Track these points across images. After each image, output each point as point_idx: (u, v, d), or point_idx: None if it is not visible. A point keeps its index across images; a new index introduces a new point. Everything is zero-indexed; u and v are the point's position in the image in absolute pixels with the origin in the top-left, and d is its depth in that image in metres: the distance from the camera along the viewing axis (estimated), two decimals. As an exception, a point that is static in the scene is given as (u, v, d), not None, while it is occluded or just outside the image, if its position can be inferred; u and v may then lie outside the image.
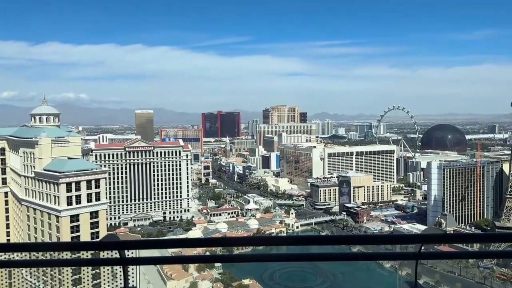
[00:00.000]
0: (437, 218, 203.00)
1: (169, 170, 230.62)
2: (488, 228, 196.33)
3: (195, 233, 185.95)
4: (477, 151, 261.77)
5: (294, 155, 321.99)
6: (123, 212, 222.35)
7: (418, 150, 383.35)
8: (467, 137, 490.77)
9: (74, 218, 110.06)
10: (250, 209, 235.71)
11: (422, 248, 6.06)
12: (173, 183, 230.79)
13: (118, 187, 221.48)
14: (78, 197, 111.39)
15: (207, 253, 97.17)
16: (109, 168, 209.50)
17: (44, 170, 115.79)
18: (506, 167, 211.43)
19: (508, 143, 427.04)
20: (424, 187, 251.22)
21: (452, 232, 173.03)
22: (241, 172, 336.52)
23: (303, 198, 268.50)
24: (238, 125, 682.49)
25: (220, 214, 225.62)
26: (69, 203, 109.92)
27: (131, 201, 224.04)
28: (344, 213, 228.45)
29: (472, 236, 6.90)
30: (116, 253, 4.78)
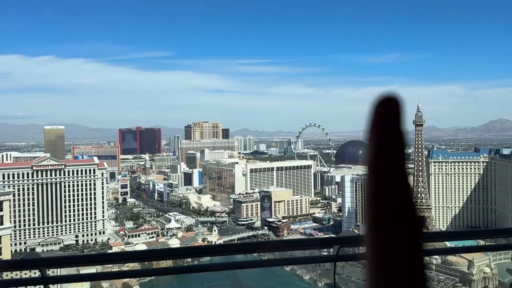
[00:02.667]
0: (351, 229, 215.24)
1: (82, 190, 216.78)
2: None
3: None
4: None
5: (216, 171, 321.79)
6: (30, 237, 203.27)
7: (333, 165, 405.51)
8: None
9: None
10: (171, 228, 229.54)
11: (340, 251, 6.62)
12: (86, 204, 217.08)
13: (24, 210, 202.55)
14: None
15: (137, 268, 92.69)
16: (14, 189, 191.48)
17: None
18: (410, 180, 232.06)
19: (411, 157, 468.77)
20: (339, 200, 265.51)
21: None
22: (162, 190, 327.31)
23: (226, 214, 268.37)
24: (158, 142, 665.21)
25: (139, 235, 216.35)
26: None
27: (39, 224, 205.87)
28: (266, 227, 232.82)
29: None
30: (36, 273, 4.63)
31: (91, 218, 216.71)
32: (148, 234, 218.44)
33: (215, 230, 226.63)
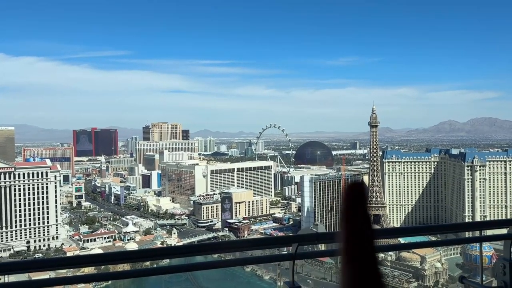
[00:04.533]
0: (310, 227, 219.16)
1: (33, 194, 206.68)
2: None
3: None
4: (342, 165, 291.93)
5: (176, 173, 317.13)
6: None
7: (292, 166, 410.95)
8: (334, 152, 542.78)
9: None
10: (129, 232, 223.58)
11: (298, 249, 6.67)
12: (39, 208, 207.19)
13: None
14: None
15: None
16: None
17: None
18: (366, 179, 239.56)
19: (367, 158, 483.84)
20: (298, 200, 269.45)
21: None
22: (119, 193, 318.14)
23: (185, 217, 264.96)
24: (115, 143, 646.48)
25: (95, 240, 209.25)
26: None
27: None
28: (226, 229, 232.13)
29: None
30: None
31: (43, 223, 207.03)
32: (105, 238, 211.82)
33: (174, 233, 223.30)
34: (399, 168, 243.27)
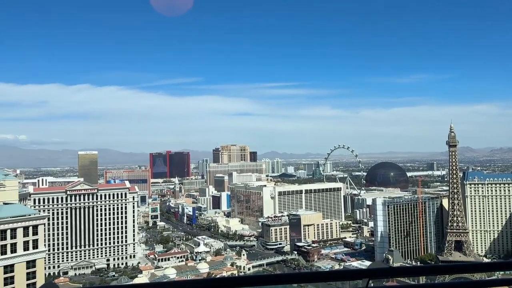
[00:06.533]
0: (384, 254, 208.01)
1: (113, 214, 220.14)
2: (433, 263, 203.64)
3: (141, 280, 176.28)
4: (418, 187, 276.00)
5: (244, 194, 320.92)
6: (63, 260, 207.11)
7: (363, 188, 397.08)
8: (408, 174, 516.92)
9: (8, 268, 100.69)
10: (200, 252, 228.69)
11: (370, 282, 6.16)
12: (118, 228, 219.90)
13: (58, 233, 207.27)
14: (14, 245, 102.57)
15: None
16: (49, 213, 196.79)
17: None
18: (445, 203, 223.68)
19: (445, 179, 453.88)
20: (371, 224, 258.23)
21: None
22: (191, 213, 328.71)
23: (254, 238, 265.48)
24: (187, 165, 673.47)
25: (169, 259, 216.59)
26: (3, 252, 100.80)
27: (72, 248, 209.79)
28: (295, 252, 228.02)
29: (417, 268, 7.06)
30: None
31: (122, 241, 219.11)
32: (178, 258, 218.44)
33: (243, 255, 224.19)
34: (482, 191, 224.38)
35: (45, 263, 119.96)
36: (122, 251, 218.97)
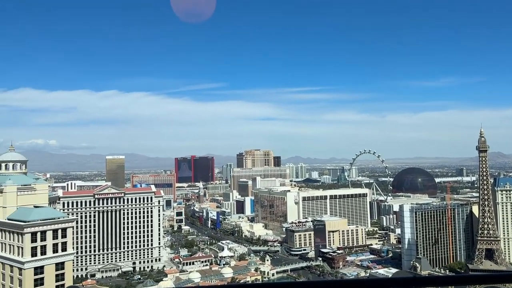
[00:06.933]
0: (411, 262, 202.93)
1: (140, 218, 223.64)
2: (462, 271, 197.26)
3: (166, 283, 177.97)
4: (447, 193, 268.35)
5: (268, 199, 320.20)
6: (90, 263, 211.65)
7: (390, 194, 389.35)
8: (437, 180, 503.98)
9: (39, 270, 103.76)
10: (224, 257, 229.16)
11: None
12: (144, 231, 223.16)
13: (86, 236, 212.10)
14: (43, 248, 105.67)
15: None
16: (77, 216, 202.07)
17: (8, 219, 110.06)
18: (475, 210, 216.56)
19: (475, 185, 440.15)
20: (398, 231, 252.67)
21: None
22: (215, 217, 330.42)
23: (278, 244, 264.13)
24: (212, 170, 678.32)
25: (193, 263, 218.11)
26: (34, 254, 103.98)
27: (99, 251, 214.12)
28: (320, 258, 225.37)
29: (444, 278, 6.69)
30: None
31: (147, 245, 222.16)
32: (202, 262, 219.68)
33: (267, 260, 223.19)
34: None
35: (73, 265, 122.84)
36: (147, 254, 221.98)
